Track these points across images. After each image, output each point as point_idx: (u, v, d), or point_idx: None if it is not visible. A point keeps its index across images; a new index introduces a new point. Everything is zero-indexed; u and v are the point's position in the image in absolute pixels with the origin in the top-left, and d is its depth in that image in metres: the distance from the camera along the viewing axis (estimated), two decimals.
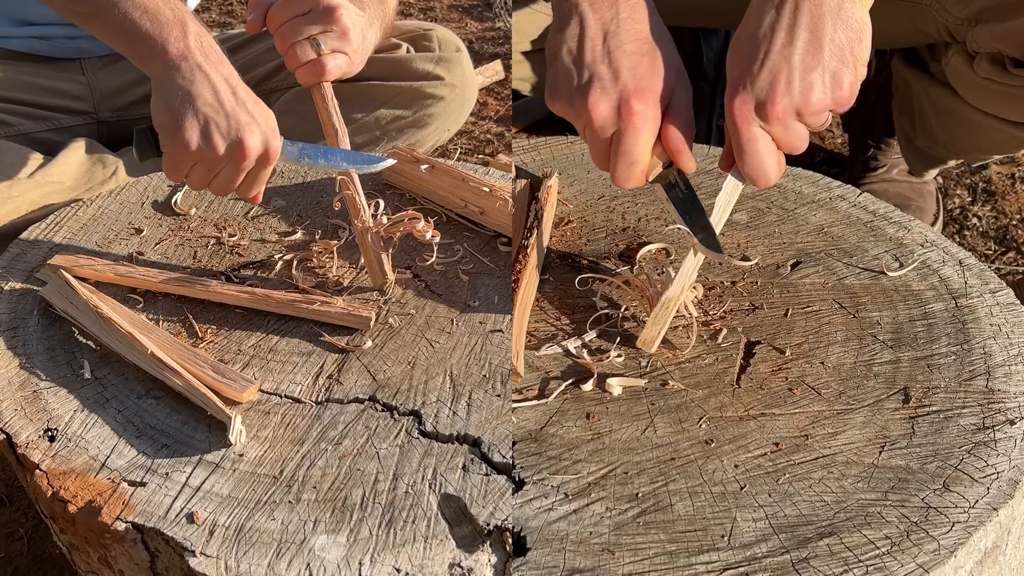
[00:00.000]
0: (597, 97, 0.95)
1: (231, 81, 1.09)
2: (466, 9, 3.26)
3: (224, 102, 1.07)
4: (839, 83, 0.93)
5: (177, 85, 1.07)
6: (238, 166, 1.08)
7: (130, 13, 1.09)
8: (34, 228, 1.22)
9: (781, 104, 0.92)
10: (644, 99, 0.94)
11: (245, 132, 1.06)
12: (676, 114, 0.97)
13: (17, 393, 0.97)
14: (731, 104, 0.93)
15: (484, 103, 2.52)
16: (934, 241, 1.16)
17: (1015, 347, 1.00)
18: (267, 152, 1.09)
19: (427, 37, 1.73)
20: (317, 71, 1.16)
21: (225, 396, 0.95)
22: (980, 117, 1.56)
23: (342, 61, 1.18)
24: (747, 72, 0.93)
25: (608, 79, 0.95)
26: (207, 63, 1.08)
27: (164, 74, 1.08)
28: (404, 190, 1.30)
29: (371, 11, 1.28)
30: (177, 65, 1.08)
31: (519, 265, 1.07)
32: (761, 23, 0.94)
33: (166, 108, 1.07)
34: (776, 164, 0.95)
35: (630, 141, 0.95)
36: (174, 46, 1.08)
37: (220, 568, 0.79)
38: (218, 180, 1.10)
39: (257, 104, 1.10)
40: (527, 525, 0.82)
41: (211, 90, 1.07)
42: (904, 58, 1.76)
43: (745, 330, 1.04)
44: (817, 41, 0.92)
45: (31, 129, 1.62)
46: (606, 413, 0.94)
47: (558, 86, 0.98)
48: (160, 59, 1.09)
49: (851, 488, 0.85)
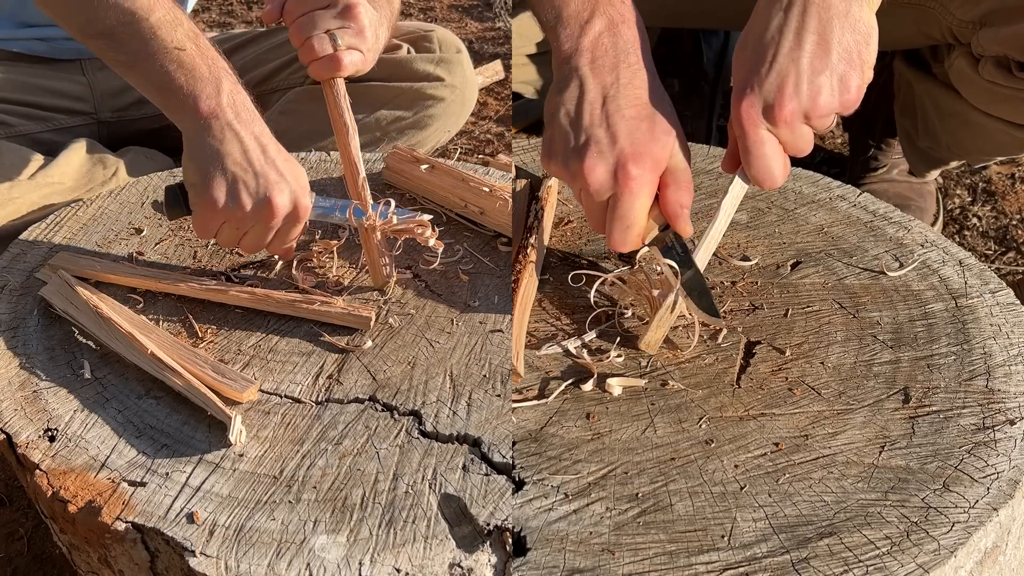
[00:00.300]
0: (594, 161, 0.95)
1: (261, 139, 1.08)
2: (466, 9, 3.26)
3: (253, 161, 1.05)
4: (847, 86, 0.93)
5: (207, 143, 1.06)
6: (266, 225, 1.07)
7: (166, 66, 1.08)
8: (34, 228, 1.22)
9: (789, 107, 0.92)
10: (641, 163, 0.95)
11: (274, 191, 1.05)
12: (674, 178, 0.97)
13: (17, 393, 0.97)
14: (738, 107, 0.93)
15: (484, 103, 2.52)
16: (934, 241, 1.16)
17: (1015, 347, 1.00)
18: (296, 210, 1.07)
19: (428, 38, 1.73)
20: (333, 66, 1.16)
21: (225, 396, 0.95)
22: (983, 119, 1.56)
23: (357, 58, 1.18)
24: (755, 74, 0.93)
25: (606, 143, 0.95)
26: (238, 121, 1.07)
27: (195, 131, 1.07)
28: (404, 190, 1.30)
29: (382, 11, 1.28)
30: (208, 123, 1.06)
31: (519, 265, 1.07)
32: (768, 25, 0.94)
33: (196, 166, 1.07)
34: (782, 166, 0.96)
35: (626, 205, 0.95)
36: (205, 103, 1.06)
37: (220, 568, 0.79)
38: (247, 239, 1.09)
39: (288, 162, 1.09)
40: (527, 525, 0.82)
41: (240, 149, 1.05)
42: (906, 59, 1.76)
43: (745, 330, 1.04)
44: (825, 44, 0.92)
45: (32, 130, 1.62)
46: (606, 413, 0.94)
47: (555, 148, 0.99)
48: (191, 115, 1.07)
49: (851, 488, 0.85)
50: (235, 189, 1.05)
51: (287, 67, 1.75)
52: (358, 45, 1.18)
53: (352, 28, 1.17)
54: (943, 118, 1.69)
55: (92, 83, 1.67)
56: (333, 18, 1.16)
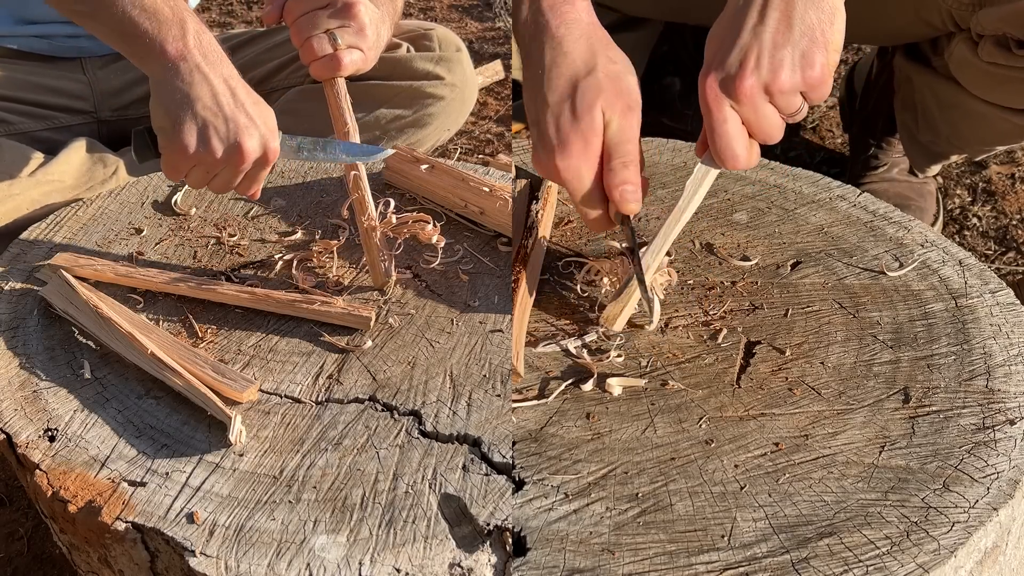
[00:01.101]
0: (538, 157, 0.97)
1: (230, 82, 1.08)
2: (466, 9, 3.26)
3: (223, 104, 1.06)
4: (810, 62, 0.94)
5: (175, 87, 1.06)
6: (236, 168, 1.07)
7: (128, 11, 1.08)
8: (34, 228, 1.22)
9: (749, 81, 0.92)
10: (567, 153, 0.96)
11: (243, 135, 1.05)
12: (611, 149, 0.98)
13: (17, 393, 0.97)
14: (703, 83, 0.95)
15: (484, 103, 2.52)
16: (934, 241, 1.16)
17: (1015, 347, 1.00)
18: (265, 154, 1.08)
19: (427, 37, 1.73)
20: (333, 65, 1.16)
21: (225, 396, 0.95)
22: (984, 108, 1.57)
23: (358, 57, 1.18)
24: (720, 51, 0.94)
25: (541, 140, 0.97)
26: (206, 63, 1.07)
27: (162, 75, 1.07)
28: (404, 190, 1.29)
29: (384, 9, 1.28)
30: (175, 65, 1.07)
31: (519, 265, 1.07)
32: (736, 5, 0.95)
33: (164, 111, 1.07)
34: (746, 146, 0.96)
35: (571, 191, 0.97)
36: (172, 45, 1.07)
37: (220, 568, 0.79)
38: (216, 181, 1.09)
39: (256, 104, 1.09)
40: (527, 525, 0.82)
41: (209, 92, 1.06)
42: (906, 54, 1.77)
43: (745, 330, 1.04)
44: (787, 20, 0.93)
45: (31, 128, 1.62)
46: (606, 413, 0.94)
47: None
48: (158, 59, 1.07)
49: (851, 488, 0.85)
50: (206, 134, 1.05)
51: (287, 67, 1.75)
52: (358, 44, 1.18)
53: (352, 27, 1.17)
54: (944, 110, 1.70)
55: (92, 82, 1.67)
56: (333, 17, 1.16)
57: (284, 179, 1.33)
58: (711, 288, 1.10)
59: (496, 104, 2.54)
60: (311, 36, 1.15)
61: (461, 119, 1.78)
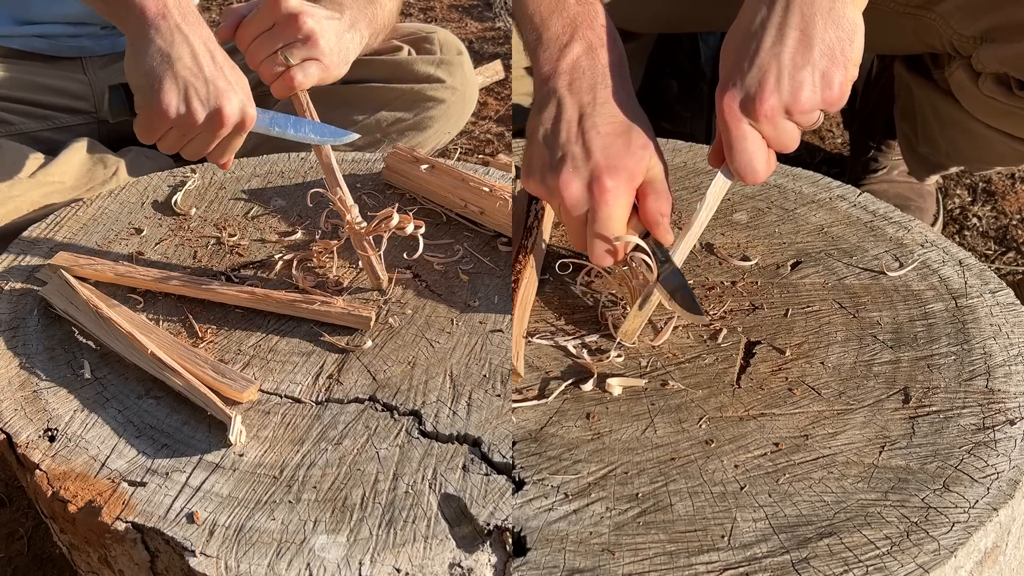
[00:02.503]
0: (569, 176, 0.96)
1: (209, 44, 1.07)
2: (466, 9, 3.26)
3: (203, 66, 1.04)
4: (829, 82, 0.93)
5: (155, 46, 1.04)
6: (214, 133, 1.06)
7: None
8: (34, 228, 1.22)
9: (770, 102, 0.92)
10: (616, 176, 0.95)
11: (224, 99, 1.04)
12: (652, 188, 0.98)
13: (17, 393, 0.97)
14: (721, 100, 0.94)
15: (484, 103, 2.52)
16: (934, 241, 1.16)
17: (1015, 347, 1.00)
18: (243, 120, 1.07)
19: (428, 40, 1.73)
20: (287, 84, 1.16)
21: (225, 396, 0.95)
22: (984, 129, 1.55)
23: (313, 69, 1.17)
24: (737, 69, 0.93)
25: (580, 158, 0.96)
26: (186, 24, 1.05)
27: (141, 33, 1.05)
28: (404, 190, 1.30)
29: (352, 12, 1.27)
30: (155, 24, 1.05)
31: (519, 265, 1.07)
32: (753, 20, 0.94)
33: (143, 70, 1.05)
34: (765, 162, 0.96)
35: (603, 217, 0.96)
36: (152, 3, 1.05)
37: (220, 568, 0.79)
38: (192, 145, 1.08)
39: (234, 69, 1.08)
40: (527, 525, 0.82)
41: (190, 53, 1.04)
42: (906, 64, 1.76)
43: (745, 330, 1.04)
44: (807, 40, 0.92)
45: (32, 128, 1.62)
46: (606, 413, 0.94)
47: (532, 165, 1.00)
48: (138, 17, 1.05)
49: (851, 488, 0.85)
50: (187, 95, 1.04)
51: None
52: (312, 55, 1.17)
53: (299, 40, 1.16)
54: (943, 125, 1.69)
55: (93, 82, 1.67)
56: (279, 36, 1.16)
57: (284, 179, 1.33)
58: (711, 288, 1.10)
59: (496, 104, 2.54)
60: (262, 60, 1.16)
61: (461, 122, 1.78)
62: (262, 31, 1.16)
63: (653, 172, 0.99)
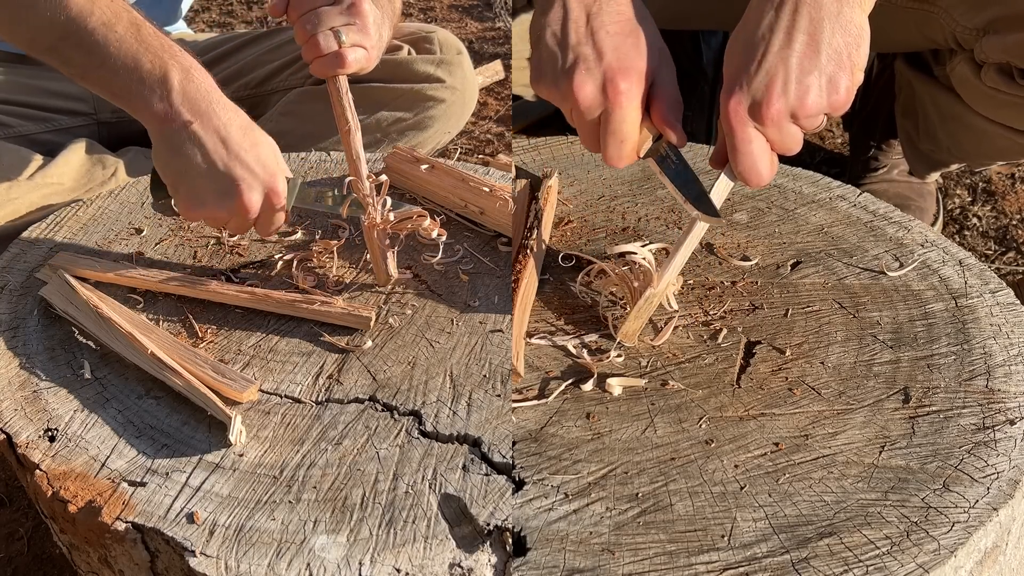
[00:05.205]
0: (582, 78, 0.95)
1: (222, 132, 1.06)
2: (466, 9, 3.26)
3: (215, 162, 1.04)
4: (835, 87, 0.93)
5: (169, 149, 1.06)
6: (245, 219, 1.08)
7: (113, 74, 1.07)
8: (34, 228, 1.22)
9: (776, 106, 0.92)
10: (628, 77, 0.95)
11: (242, 189, 1.05)
12: (662, 90, 0.97)
13: (17, 393, 0.97)
14: (726, 104, 0.94)
15: (484, 103, 2.52)
16: (934, 241, 1.16)
17: (1015, 347, 1.00)
18: (269, 200, 1.07)
19: (428, 39, 1.73)
20: (338, 63, 1.14)
21: (225, 396, 0.95)
22: (985, 124, 1.55)
23: (361, 55, 1.17)
24: (744, 72, 0.93)
25: (592, 60, 0.95)
26: (195, 118, 1.05)
27: (153, 133, 1.07)
28: (404, 190, 1.30)
29: (384, 9, 1.27)
30: (163, 129, 1.06)
31: (519, 265, 1.07)
32: (760, 24, 0.94)
33: (163, 167, 1.07)
34: (769, 165, 0.96)
35: (618, 119, 0.95)
36: (158, 106, 1.05)
37: (220, 568, 0.79)
38: (230, 227, 1.10)
39: (254, 147, 1.07)
40: (527, 525, 0.82)
41: (200, 153, 1.05)
42: (907, 61, 1.76)
43: (745, 330, 1.04)
44: (815, 44, 0.92)
45: (31, 130, 1.62)
46: (606, 413, 0.94)
47: (543, 69, 0.99)
48: (148, 121, 1.07)
49: (851, 488, 0.85)
50: (203, 197, 1.06)
51: (287, 68, 1.75)
52: (362, 42, 1.17)
53: (357, 24, 1.16)
54: (944, 121, 1.69)
55: None
56: (338, 14, 1.15)
57: None
58: (711, 288, 1.10)
59: (496, 104, 2.54)
60: (316, 32, 1.14)
61: (461, 122, 1.78)
62: (320, 4, 1.15)
63: (662, 75, 0.98)
